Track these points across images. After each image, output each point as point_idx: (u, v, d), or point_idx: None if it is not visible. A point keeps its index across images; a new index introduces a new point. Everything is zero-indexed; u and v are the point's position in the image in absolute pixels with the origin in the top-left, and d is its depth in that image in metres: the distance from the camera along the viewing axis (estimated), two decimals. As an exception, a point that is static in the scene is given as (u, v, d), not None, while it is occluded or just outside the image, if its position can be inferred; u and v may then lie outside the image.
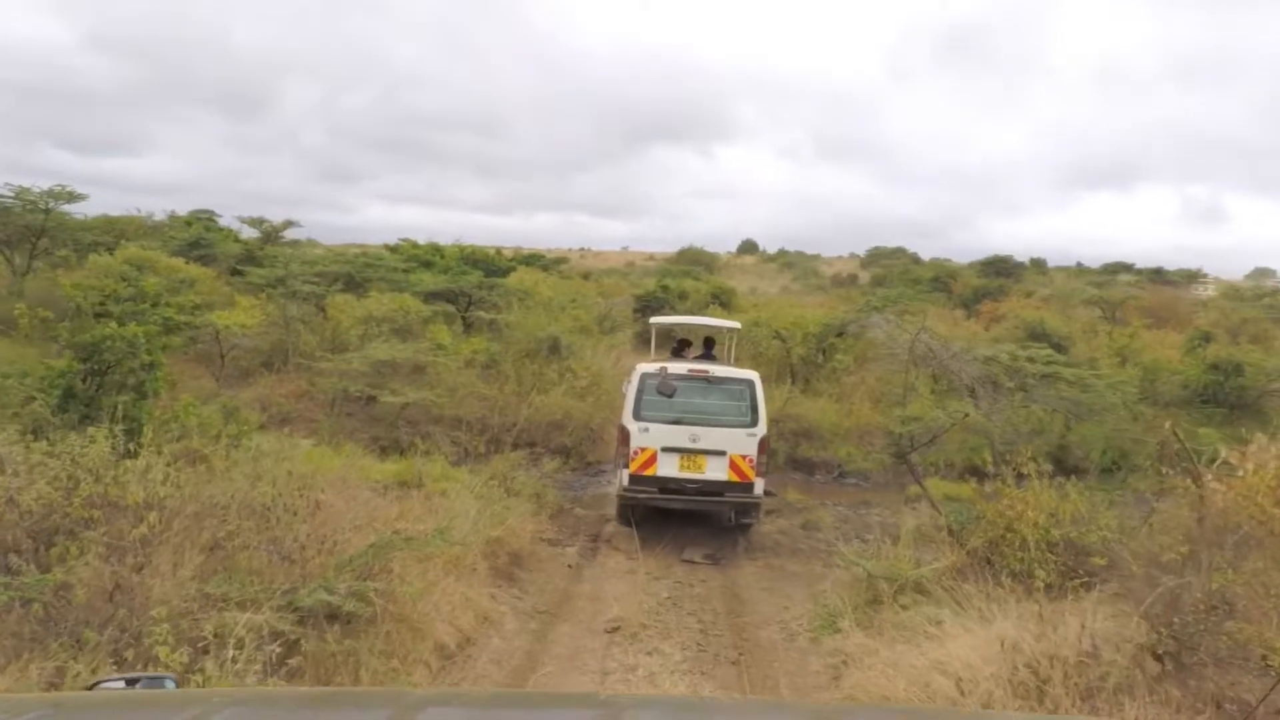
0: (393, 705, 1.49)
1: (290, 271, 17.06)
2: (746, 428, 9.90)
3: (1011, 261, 55.29)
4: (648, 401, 9.92)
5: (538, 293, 21.00)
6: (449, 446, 13.65)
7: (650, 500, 10.00)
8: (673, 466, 9.84)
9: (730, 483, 9.85)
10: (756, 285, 49.53)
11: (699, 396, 10.10)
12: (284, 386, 15.33)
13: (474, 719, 1.46)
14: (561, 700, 2.27)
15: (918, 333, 7.73)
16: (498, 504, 8.49)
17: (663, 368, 10.12)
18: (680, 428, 9.85)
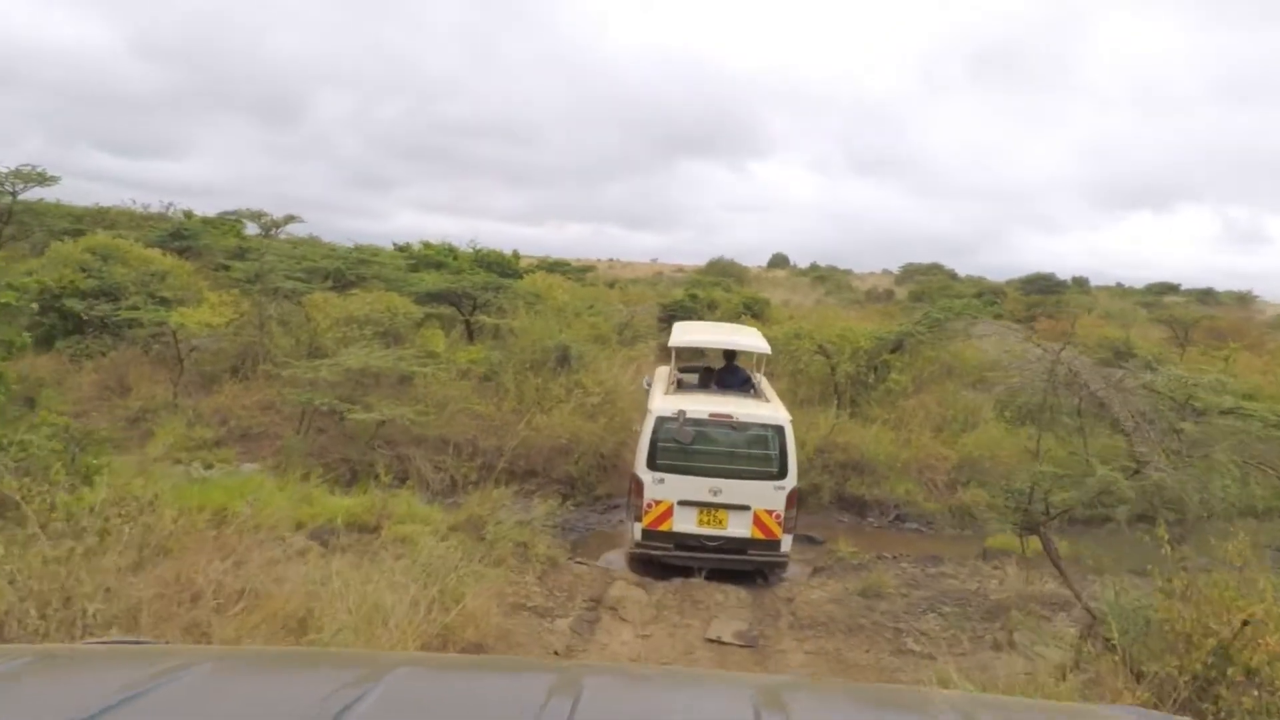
0: (364, 665, 1.49)
1: (267, 265, 14.98)
2: (774, 480, 8.82)
3: (1054, 279, 52.90)
4: (663, 449, 8.77)
5: (551, 297, 18.83)
6: (432, 473, 11.51)
7: (665, 557, 8.87)
8: (690, 522, 8.79)
9: (754, 540, 8.83)
10: (789, 299, 47.18)
11: (721, 444, 8.90)
12: (251, 396, 13.27)
13: (441, 681, 1.47)
14: (524, 665, 2.34)
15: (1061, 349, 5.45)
16: (461, 567, 6.25)
17: (680, 411, 8.79)
18: (699, 479, 8.77)
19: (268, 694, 1.39)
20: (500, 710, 1.31)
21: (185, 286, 16.10)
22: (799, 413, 13.78)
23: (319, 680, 1.43)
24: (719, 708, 1.39)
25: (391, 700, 1.28)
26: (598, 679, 1.50)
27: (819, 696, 1.63)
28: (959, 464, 12.77)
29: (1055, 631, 7.54)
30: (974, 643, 7.55)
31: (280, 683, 1.48)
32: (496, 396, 13.25)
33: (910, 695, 2.03)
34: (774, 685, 1.62)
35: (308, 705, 1.25)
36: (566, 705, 1.24)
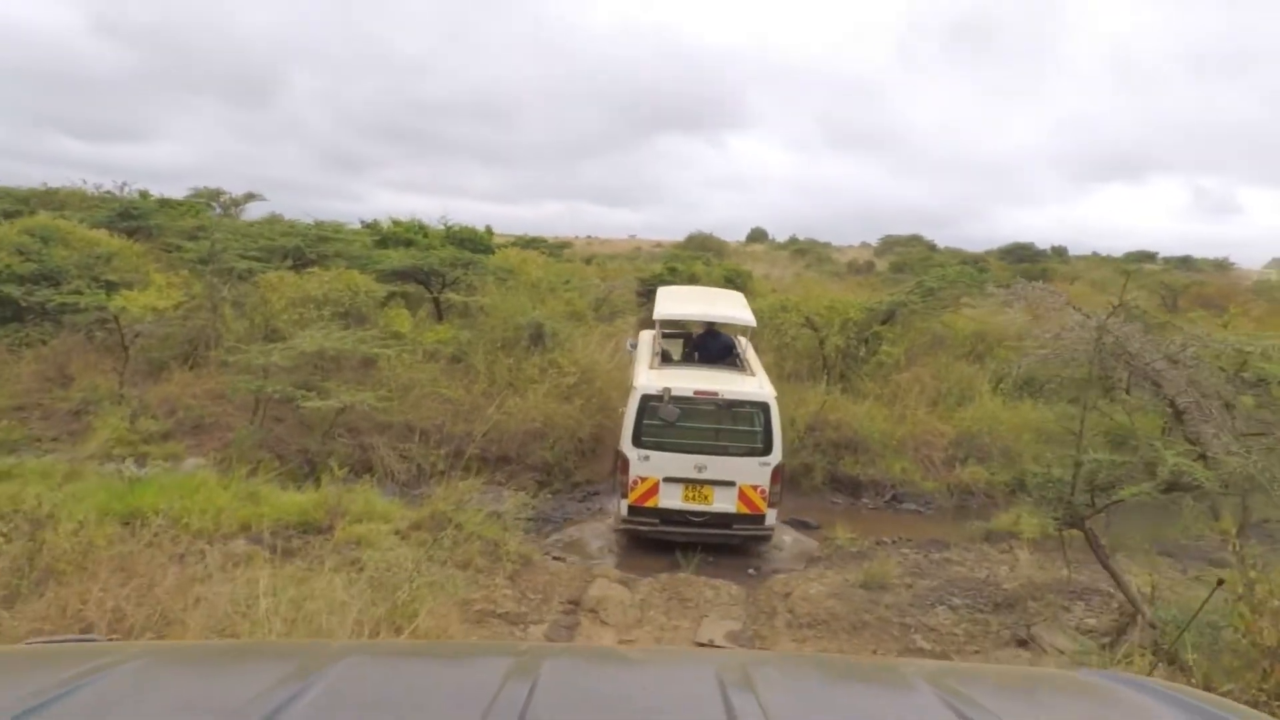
0: (308, 656, 1.45)
1: (218, 244, 14.02)
2: (759, 456, 8.74)
3: (1033, 249, 52.63)
4: (648, 426, 8.68)
5: (525, 273, 17.96)
6: (397, 463, 10.70)
7: (651, 533, 8.92)
8: (676, 498, 8.78)
9: (739, 515, 8.79)
10: (769, 272, 46.44)
11: (706, 421, 8.84)
12: (202, 384, 12.35)
13: (391, 669, 1.41)
14: (479, 650, 2.24)
15: (1108, 316, 4.70)
16: (418, 576, 5.46)
17: (665, 389, 8.68)
18: (685, 456, 8.72)
19: (205, 687, 1.34)
20: (454, 698, 1.27)
21: (133, 269, 15.09)
22: (787, 388, 13.06)
23: (260, 672, 1.38)
24: (685, 687, 1.36)
25: (337, 691, 1.24)
26: (556, 661, 1.45)
27: (786, 670, 1.60)
28: (956, 440, 12.10)
29: (1080, 625, 6.90)
30: (990, 639, 6.89)
31: (219, 676, 1.42)
32: (466, 379, 12.43)
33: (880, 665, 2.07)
34: (740, 661, 1.54)
35: (248, 698, 1.18)
36: (523, 690, 1.21)
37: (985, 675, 1.76)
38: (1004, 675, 1.91)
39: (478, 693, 1.21)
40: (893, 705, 1.40)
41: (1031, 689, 1.60)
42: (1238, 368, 4.73)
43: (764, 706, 1.20)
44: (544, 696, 1.20)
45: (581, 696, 1.29)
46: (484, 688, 1.22)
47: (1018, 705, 1.42)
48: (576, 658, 1.69)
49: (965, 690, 1.34)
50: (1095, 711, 1.43)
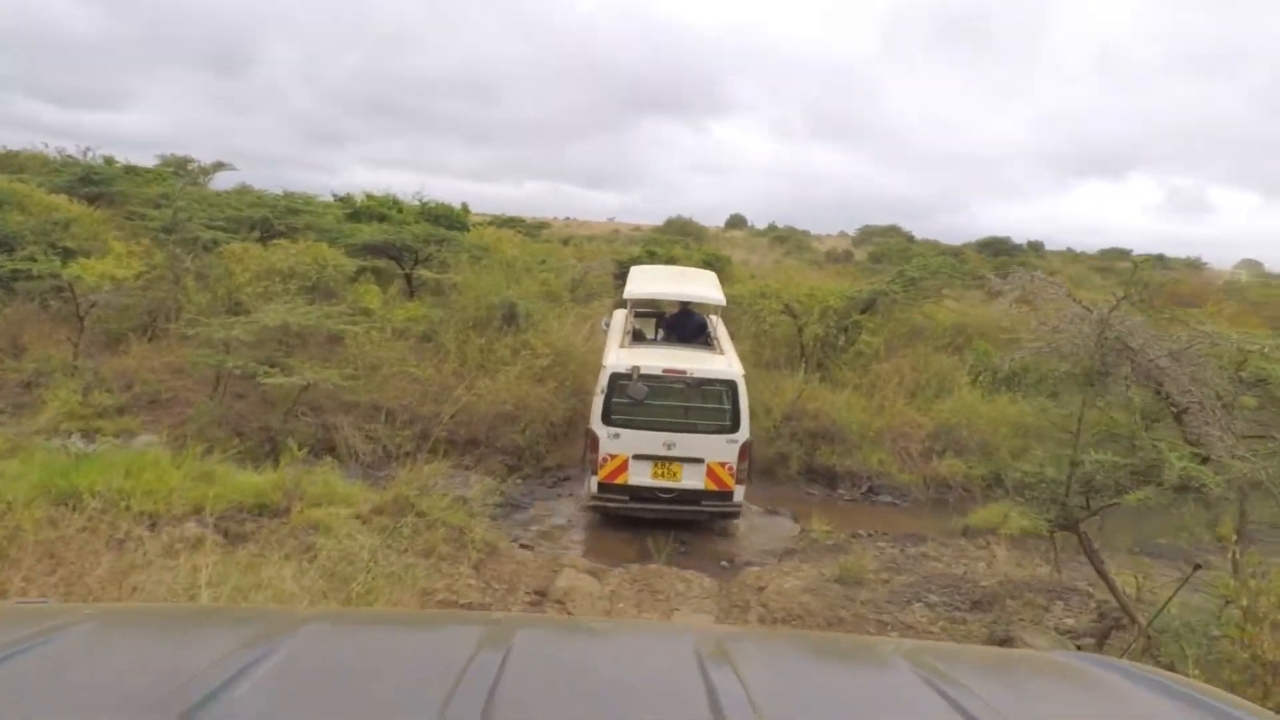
0: (268, 622, 1.41)
1: (181, 212, 13.55)
2: (727, 433, 8.83)
3: (1009, 243, 52.72)
4: (618, 405, 8.76)
5: (500, 251, 17.59)
6: (362, 444, 10.37)
7: (620, 509, 9.00)
8: (645, 474, 8.87)
9: (708, 491, 8.91)
10: (748, 258, 46.24)
11: (675, 399, 8.91)
12: (161, 357, 11.95)
13: (354, 638, 1.37)
14: (448, 619, 2.21)
15: (1112, 309, 4.47)
16: (374, 566, 5.16)
17: (635, 367, 8.76)
18: (654, 434, 8.80)
19: (162, 651, 1.28)
20: (423, 667, 1.20)
21: (92, 236, 14.60)
22: (764, 376, 12.85)
23: (220, 637, 1.32)
24: (663, 661, 1.33)
25: (300, 658, 1.18)
26: (529, 632, 1.40)
27: (764, 646, 1.59)
28: (934, 432, 11.92)
29: (1059, 625, 6.73)
30: (967, 638, 6.70)
31: (177, 640, 1.35)
32: (436, 358, 12.08)
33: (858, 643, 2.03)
34: (717, 635, 1.56)
35: (206, 663, 1.12)
36: (495, 660, 1.17)
37: (963, 655, 1.76)
38: (981, 655, 1.94)
39: (448, 663, 1.16)
40: (872, 682, 1.38)
41: (1008, 668, 1.59)
42: (1237, 366, 4.53)
43: (744, 682, 1.17)
44: (517, 668, 1.16)
45: (556, 669, 1.25)
46: (454, 657, 1.17)
47: (995, 683, 1.39)
48: (551, 629, 1.64)
49: (943, 668, 1.32)
50: (1073, 690, 1.44)
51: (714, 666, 1.21)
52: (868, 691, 1.34)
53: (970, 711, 1.14)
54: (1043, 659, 1.70)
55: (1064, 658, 1.61)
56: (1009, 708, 1.23)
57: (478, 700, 1.05)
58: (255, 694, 1.07)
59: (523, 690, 1.12)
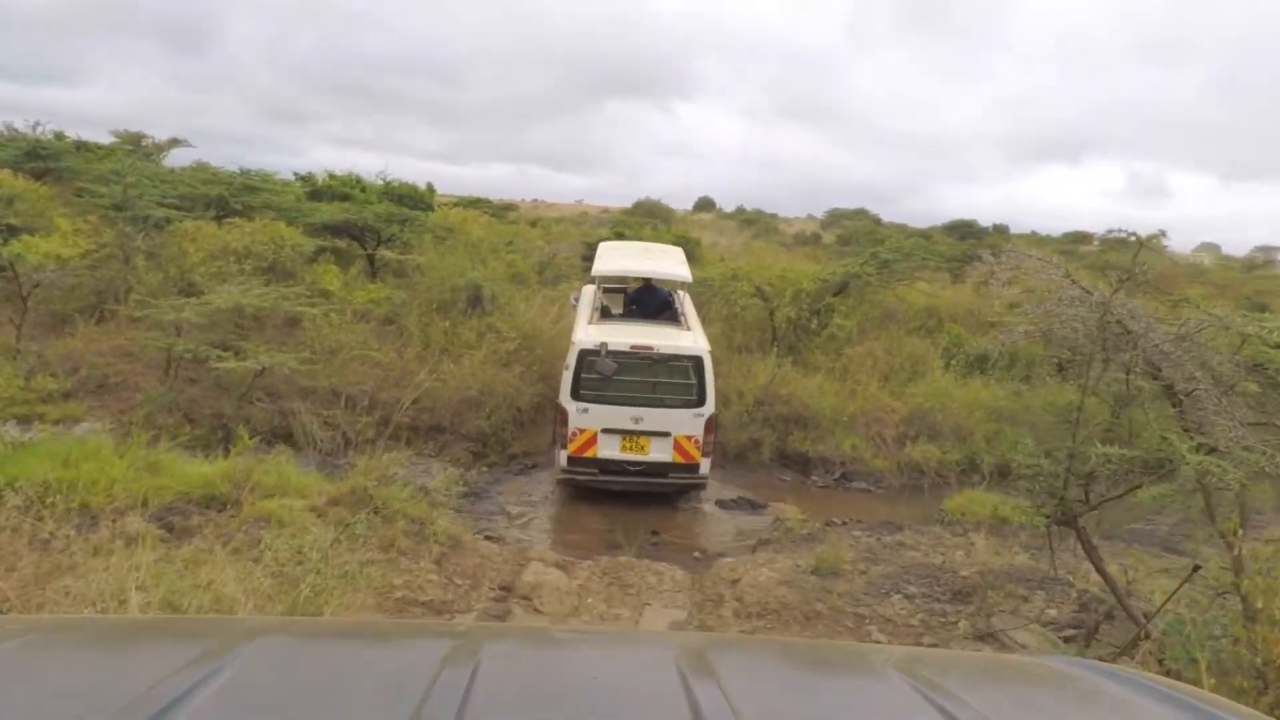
0: (216, 635, 1.31)
1: (131, 189, 12.99)
2: (693, 408, 9.06)
3: (976, 226, 52.90)
4: (586, 380, 8.94)
5: (465, 232, 17.17)
6: (321, 430, 9.98)
7: (590, 481, 9.26)
8: (614, 448, 9.09)
9: (674, 464, 9.13)
10: (716, 241, 46.02)
11: (642, 375, 9.12)
12: (109, 340, 11.43)
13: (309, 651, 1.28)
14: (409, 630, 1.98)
15: (1114, 291, 4.24)
16: (325, 566, 4.83)
17: (603, 344, 8.93)
18: (622, 408, 9.00)
19: (101, 670, 1.18)
20: (385, 684, 1.11)
21: (38, 213, 14.00)
22: (735, 360, 12.62)
23: (164, 653, 1.24)
24: (642, 673, 1.27)
25: (252, 676, 1.10)
26: (498, 645, 1.34)
27: (749, 655, 1.52)
28: (908, 416, 11.75)
29: (1040, 616, 6.55)
30: (948, 629, 6.50)
31: (117, 657, 1.27)
32: (398, 342, 11.70)
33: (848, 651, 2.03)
34: (699, 645, 1.49)
35: (149, 683, 1.03)
36: (463, 676, 1.09)
37: (955, 663, 1.72)
38: (974, 662, 1.89)
39: (412, 679, 1.09)
40: (863, 693, 1.32)
41: (1002, 676, 1.54)
42: (1235, 350, 4.33)
43: (728, 696, 1.09)
44: (487, 684, 1.09)
45: (529, 684, 1.17)
46: (419, 674, 1.10)
47: (990, 693, 1.35)
48: (521, 640, 1.57)
49: (937, 679, 1.27)
50: (1067, 698, 1.40)
51: (697, 679, 1.14)
52: (860, 704, 1.26)
53: None
54: (1040, 666, 1.63)
55: (1061, 664, 1.56)
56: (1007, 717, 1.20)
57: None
58: (206, 717, 0.98)
59: (493, 711, 1.03)
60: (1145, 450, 3.95)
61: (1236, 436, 3.65)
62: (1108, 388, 4.34)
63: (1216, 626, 3.62)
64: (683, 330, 9.93)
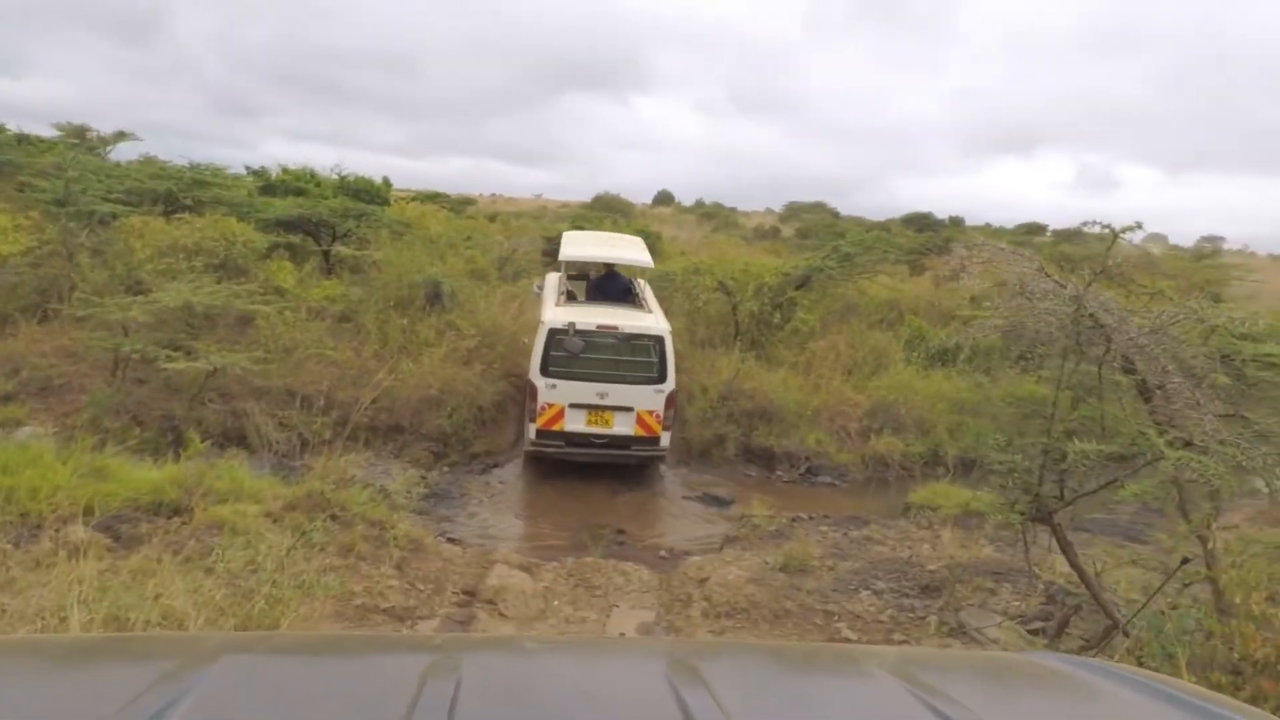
0: (182, 653, 1.25)
1: (74, 183, 12.57)
2: (655, 384, 9.60)
3: (932, 218, 53.33)
4: (555, 357, 9.44)
5: (423, 227, 16.89)
6: (276, 431, 9.72)
7: (557, 454, 9.74)
8: (580, 422, 9.59)
9: (637, 437, 9.67)
10: (676, 235, 46.02)
11: (608, 352, 9.63)
12: (53, 340, 11.05)
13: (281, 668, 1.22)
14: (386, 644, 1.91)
15: (1088, 284, 4.17)
16: (280, 577, 4.63)
17: (570, 324, 9.43)
18: (588, 384, 9.51)
19: (58, 694, 1.13)
20: (366, 704, 1.06)
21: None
22: (699, 355, 12.54)
23: (124, 674, 1.20)
24: (631, 683, 1.25)
25: (221, 698, 1.05)
26: (479, 657, 1.30)
27: (739, 661, 1.51)
28: (871, 410, 11.74)
29: (1007, 609, 6.54)
30: (917, 625, 6.47)
31: (75, 679, 1.19)
32: (355, 340, 11.44)
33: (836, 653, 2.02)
34: (686, 652, 1.50)
35: (111, 709, 0.97)
36: (446, 692, 1.05)
37: (944, 662, 1.73)
38: (963, 661, 1.89)
39: (393, 697, 1.05)
40: (855, 696, 1.30)
41: (991, 675, 1.55)
42: (1203, 340, 4.30)
43: (720, 703, 1.07)
44: (471, 701, 1.05)
45: (516, 699, 1.14)
46: (399, 691, 1.06)
47: (980, 692, 1.35)
48: (502, 652, 1.53)
49: (926, 679, 1.26)
50: (1057, 695, 1.41)
51: (687, 687, 1.11)
52: (853, 707, 1.25)
53: None
54: (1024, 662, 1.64)
55: (1044, 659, 1.56)
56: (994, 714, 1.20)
57: None
58: None
59: None
60: (1121, 445, 3.91)
61: (1211, 430, 3.62)
62: (1081, 382, 4.29)
63: (1191, 621, 3.58)
64: (645, 313, 10.49)
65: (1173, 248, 51.71)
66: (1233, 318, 4.33)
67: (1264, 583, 3.50)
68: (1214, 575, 3.74)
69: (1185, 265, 33.74)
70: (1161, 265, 31.71)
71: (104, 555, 5.79)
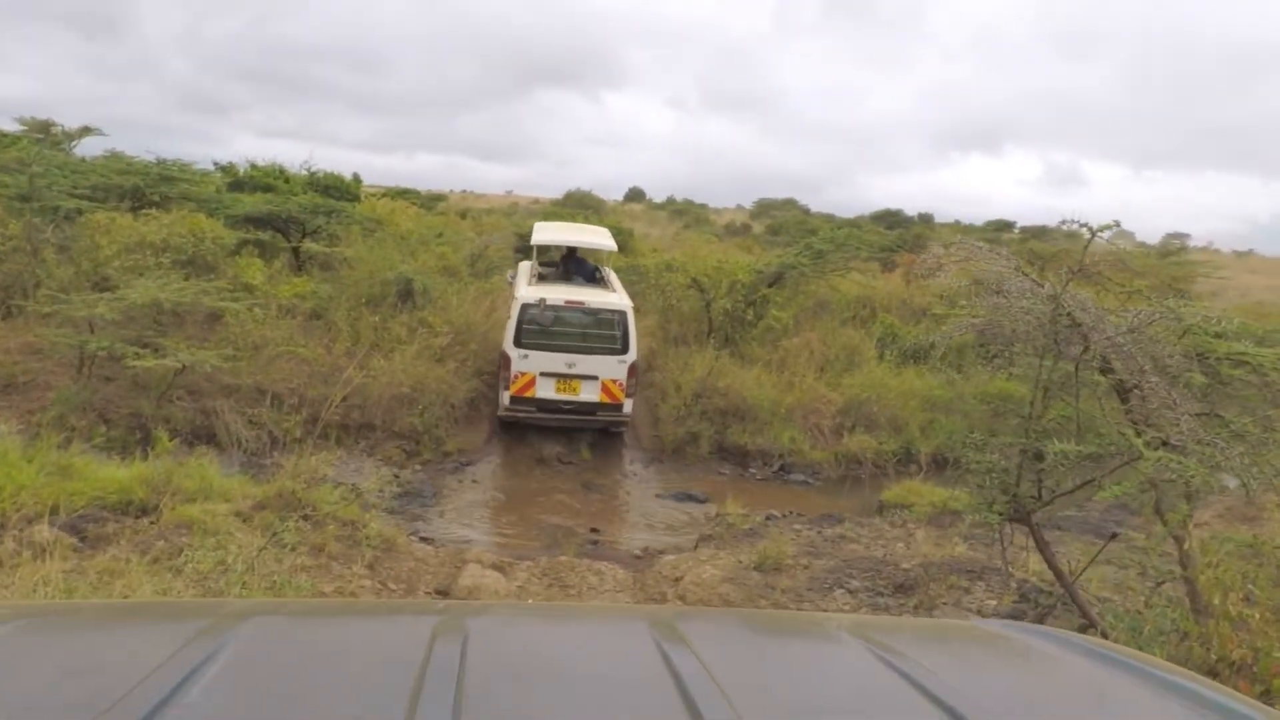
0: (207, 616, 1.32)
1: (38, 179, 12.34)
2: (618, 355, 10.40)
3: (902, 215, 53.60)
4: (527, 330, 10.24)
5: (393, 224, 16.75)
6: (246, 429, 9.61)
7: (528, 418, 10.52)
8: (550, 389, 10.34)
9: (602, 404, 10.44)
10: (648, 232, 45.98)
11: (575, 326, 10.50)
12: (17, 337, 10.84)
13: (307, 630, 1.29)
14: (394, 609, 2.13)
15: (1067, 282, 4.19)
16: (249, 576, 4.57)
17: (542, 299, 10.27)
18: (557, 354, 10.29)
19: (97, 653, 1.17)
20: (383, 661, 1.14)
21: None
22: (672, 352, 12.57)
23: (157, 636, 1.24)
24: (621, 643, 1.32)
25: (250, 656, 1.12)
26: (481, 620, 1.39)
27: (716, 624, 1.62)
28: (844, 407, 11.79)
29: (980, 607, 6.60)
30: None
31: (112, 640, 1.26)
32: (326, 337, 11.32)
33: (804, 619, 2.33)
34: (668, 616, 1.54)
35: (148, 666, 1.02)
36: (454, 650, 1.13)
37: (898, 627, 1.88)
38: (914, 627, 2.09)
39: (407, 655, 1.11)
40: (822, 656, 1.40)
41: (941, 638, 1.64)
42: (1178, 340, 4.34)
43: (703, 662, 1.15)
44: (479, 657, 1.12)
45: (518, 655, 1.21)
46: (412, 649, 1.13)
47: (933, 652, 1.40)
48: (502, 614, 1.62)
49: (885, 641, 1.34)
50: (1002, 655, 1.49)
51: (672, 647, 1.19)
52: (820, 666, 1.34)
53: (913, 677, 1.17)
54: (971, 628, 1.75)
55: (990, 626, 1.67)
56: (951, 674, 1.25)
57: (446, 696, 0.99)
58: (210, 698, 0.98)
59: (489, 683, 1.06)
60: (1099, 445, 3.93)
61: (1188, 430, 3.65)
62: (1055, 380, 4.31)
63: (1166, 621, 3.62)
64: (610, 291, 11.47)
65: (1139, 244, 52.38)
66: (1207, 316, 4.37)
67: (1239, 583, 3.54)
68: (1190, 575, 3.78)
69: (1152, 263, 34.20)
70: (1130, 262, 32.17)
71: (69, 555, 5.70)
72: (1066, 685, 1.35)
